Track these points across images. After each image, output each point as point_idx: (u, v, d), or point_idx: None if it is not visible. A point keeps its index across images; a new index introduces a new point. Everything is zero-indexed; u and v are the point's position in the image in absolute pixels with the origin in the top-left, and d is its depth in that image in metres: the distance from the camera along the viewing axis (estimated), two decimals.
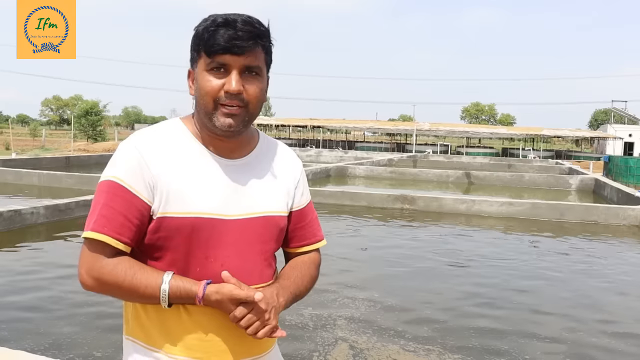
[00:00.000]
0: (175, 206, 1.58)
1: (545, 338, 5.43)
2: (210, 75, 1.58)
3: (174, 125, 1.71)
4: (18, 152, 34.99)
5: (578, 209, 13.06)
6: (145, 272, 1.57)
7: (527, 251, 9.61)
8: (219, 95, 1.57)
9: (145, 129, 1.69)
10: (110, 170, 1.60)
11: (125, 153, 1.61)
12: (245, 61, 1.57)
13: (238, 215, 1.65)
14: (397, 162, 32.99)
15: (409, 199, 13.69)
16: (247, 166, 1.72)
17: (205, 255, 1.61)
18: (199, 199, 1.60)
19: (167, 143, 1.64)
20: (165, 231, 1.59)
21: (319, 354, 4.80)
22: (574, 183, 21.62)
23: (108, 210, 1.56)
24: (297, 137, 75.48)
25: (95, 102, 60.79)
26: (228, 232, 1.63)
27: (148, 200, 1.58)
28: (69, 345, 4.76)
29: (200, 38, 1.58)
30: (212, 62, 1.57)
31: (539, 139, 64.70)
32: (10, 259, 7.81)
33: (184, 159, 1.63)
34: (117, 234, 1.55)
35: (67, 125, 68.27)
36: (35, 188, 15.40)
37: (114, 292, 1.58)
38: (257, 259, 1.70)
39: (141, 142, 1.62)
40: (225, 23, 1.55)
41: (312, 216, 1.92)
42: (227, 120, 1.58)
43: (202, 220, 1.59)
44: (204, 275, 1.60)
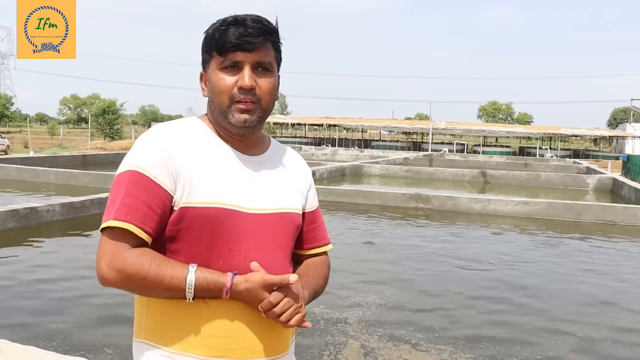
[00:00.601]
0: (198, 196, 1.58)
1: (558, 339, 5.40)
2: (223, 73, 1.62)
3: (193, 122, 1.73)
4: (36, 150, 35.33)
5: (595, 208, 12.95)
6: (170, 263, 1.54)
7: (541, 251, 9.54)
8: (233, 92, 1.61)
9: (165, 123, 1.71)
10: (132, 161, 1.59)
11: (147, 144, 1.61)
12: (256, 57, 1.61)
13: (259, 210, 1.66)
14: (413, 161, 32.92)
15: (424, 198, 13.64)
16: (263, 164, 1.74)
17: (229, 247, 1.60)
18: (221, 189, 1.61)
19: (188, 136, 1.66)
20: (188, 221, 1.58)
21: (329, 352, 4.80)
22: (591, 182, 21.43)
23: (131, 199, 1.54)
24: (313, 136, 75.57)
25: (112, 101, 61.32)
26: (249, 226, 1.63)
27: (171, 190, 1.57)
28: (79, 342, 4.80)
29: (211, 39, 1.63)
30: (224, 60, 1.61)
31: (557, 138, 64.24)
32: (25, 256, 7.88)
33: (205, 151, 1.65)
34: (141, 222, 1.53)
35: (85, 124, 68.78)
36: (52, 186, 15.53)
37: (138, 284, 1.54)
38: (278, 254, 1.70)
39: (164, 133, 1.64)
40: (234, 22, 1.61)
41: (321, 219, 1.96)
42: (242, 116, 1.62)
43: (225, 211, 1.59)
44: (226, 269, 1.57)
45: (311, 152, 38.97)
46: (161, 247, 1.60)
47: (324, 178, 19.91)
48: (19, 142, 49.25)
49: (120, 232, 1.52)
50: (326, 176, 20.36)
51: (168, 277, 1.51)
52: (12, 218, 8.87)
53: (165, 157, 1.58)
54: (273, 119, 74.10)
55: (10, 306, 5.72)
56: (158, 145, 1.60)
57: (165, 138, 1.62)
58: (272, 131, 73.15)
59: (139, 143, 1.63)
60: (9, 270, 7.05)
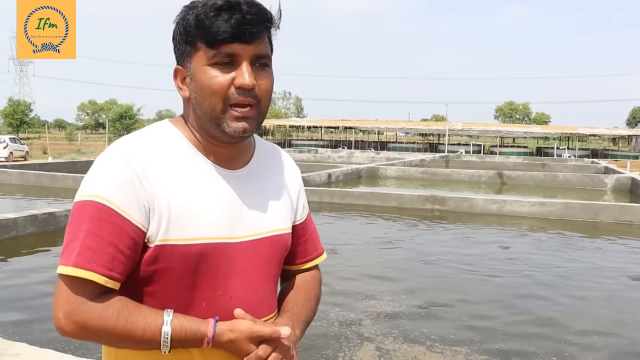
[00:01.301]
0: (178, 231, 1.32)
1: (574, 342, 5.37)
2: (214, 69, 1.32)
3: (166, 131, 1.43)
4: (55, 156, 35.65)
5: (612, 208, 12.84)
6: (142, 313, 1.28)
7: (558, 252, 9.48)
8: (229, 92, 1.32)
9: (132, 136, 1.41)
10: (94, 188, 1.29)
11: (111, 166, 1.31)
12: (255, 50, 1.33)
13: (245, 237, 1.42)
14: (429, 162, 32.81)
15: (439, 200, 13.61)
16: (248, 177, 1.48)
17: (213, 287, 1.36)
18: (205, 221, 1.35)
19: (161, 153, 1.36)
20: (166, 262, 1.32)
21: (344, 354, 4.81)
22: (610, 182, 21.24)
23: (94, 239, 1.26)
24: (330, 138, 75.63)
25: (129, 106, 61.87)
26: (236, 258, 1.40)
27: (142, 225, 1.30)
28: (97, 345, 4.83)
29: (196, 26, 1.31)
30: (217, 53, 1.30)
31: (574, 138, 63.72)
32: (43, 261, 7.97)
33: (183, 172, 1.37)
34: (108, 269, 1.26)
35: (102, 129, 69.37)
36: (71, 191, 15.62)
37: (102, 339, 1.31)
38: (266, 287, 1.48)
39: (131, 152, 1.33)
40: (227, 6, 1.29)
41: (312, 227, 1.70)
42: (240, 125, 1.34)
43: (210, 246, 1.35)
44: (210, 312, 1.35)
45: (327, 155, 39.02)
46: (134, 289, 1.35)
47: (340, 180, 19.92)
48: (38, 148, 49.71)
49: (81, 281, 1.25)
50: (342, 178, 20.36)
51: (140, 331, 1.26)
52: (31, 223, 8.98)
53: (135, 184, 1.29)
54: (289, 122, 74.31)
55: (26, 310, 5.79)
56: (125, 169, 1.30)
57: (134, 159, 1.32)
58: (289, 134, 73.23)
59: (101, 163, 1.33)
60: (28, 274, 7.14)
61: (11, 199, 15.14)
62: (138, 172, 1.30)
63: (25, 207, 12.52)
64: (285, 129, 71.85)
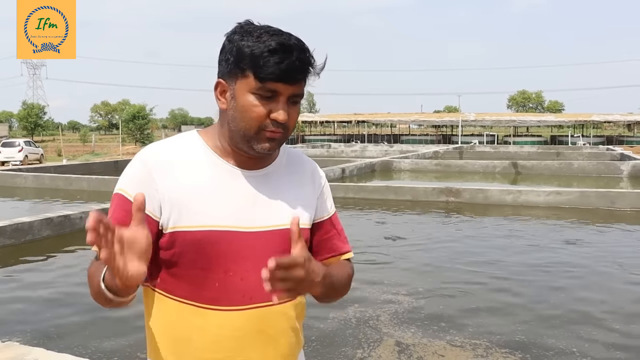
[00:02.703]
0: (186, 220, 1.51)
1: (593, 332, 5.31)
2: (256, 99, 1.49)
3: (189, 138, 1.66)
4: (69, 158, 35.87)
5: (630, 196, 12.70)
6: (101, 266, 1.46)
7: (572, 241, 9.40)
8: (265, 122, 1.50)
9: (159, 142, 1.66)
10: (120, 182, 1.57)
11: (132, 165, 1.58)
12: (295, 90, 1.51)
13: (257, 228, 1.58)
14: (443, 154, 32.71)
15: (454, 192, 13.54)
16: (266, 177, 1.64)
17: (225, 269, 1.54)
18: (212, 211, 1.53)
19: (177, 154, 1.59)
20: (179, 246, 1.53)
21: (363, 350, 4.79)
22: (626, 169, 21.08)
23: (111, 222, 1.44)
24: (342, 133, 75.56)
25: (142, 106, 61.97)
26: (247, 246, 1.56)
27: (152, 214, 1.51)
28: (113, 348, 4.85)
29: (250, 57, 1.47)
30: (262, 87, 1.47)
31: (589, 125, 63.28)
32: (59, 264, 8.00)
33: (197, 170, 1.57)
34: None
35: (116, 130, 69.74)
36: (85, 193, 15.74)
37: (91, 289, 1.49)
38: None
39: (149, 154, 1.58)
40: (282, 49, 1.46)
41: (339, 228, 1.81)
42: (266, 145, 1.53)
43: (217, 233, 1.53)
44: (223, 291, 1.54)
45: (340, 150, 38.96)
46: (162, 271, 1.57)
47: (353, 175, 19.89)
48: (53, 150, 50.04)
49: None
50: (356, 173, 20.34)
51: (96, 280, 1.43)
52: (47, 226, 9.02)
53: (148, 180, 1.53)
54: (301, 117, 74.03)
55: (44, 314, 5.81)
56: (142, 167, 1.55)
57: (151, 159, 1.56)
58: (301, 129, 73.27)
59: (129, 164, 1.60)
60: (44, 278, 7.17)
61: (27, 203, 15.22)
62: (152, 169, 1.53)
63: (41, 210, 12.57)
64: (297, 124, 71.52)
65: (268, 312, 1.56)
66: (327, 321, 5.40)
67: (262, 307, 1.55)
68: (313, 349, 4.77)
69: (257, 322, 1.56)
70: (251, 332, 1.55)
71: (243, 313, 1.54)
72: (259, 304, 1.55)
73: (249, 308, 1.54)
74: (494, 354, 4.71)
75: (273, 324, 1.58)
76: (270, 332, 1.58)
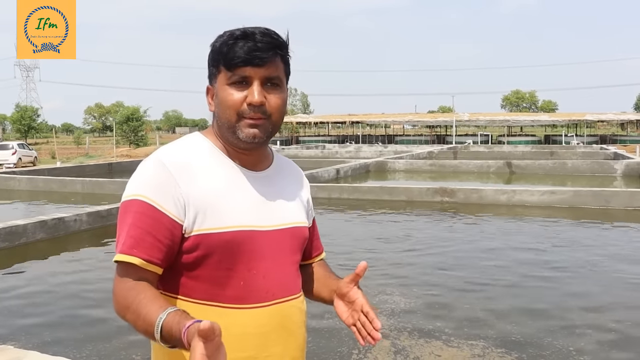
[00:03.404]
0: (212, 222, 1.54)
1: (589, 330, 5.32)
2: (231, 88, 1.56)
3: (198, 140, 1.68)
4: (63, 161, 35.74)
5: (623, 195, 12.74)
6: (154, 302, 1.42)
7: (567, 240, 9.42)
8: (242, 108, 1.55)
9: (170, 145, 1.67)
10: (136, 188, 1.55)
11: (152, 170, 1.57)
12: (265, 72, 1.56)
13: (272, 226, 1.64)
14: (437, 154, 32.73)
15: (449, 192, 13.55)
16: (269, 179, 1.71)
17: (249, 267, 1.58)
18: (236, 212, 1.57)
19: (194, 158, 1.61)
20: (205, 249, 1.54)
21: (358, 351, 4.78)
22: (619, 168, 21.14)
23: (136, 230, 1.50)
24: (337, 134, 75.53)
25: (136, 108, 61.81)
26: (266, 244, 1.61)
27: (178, 218, 1.52)
28: (107, 351, 4.83)
29: (218, 52, 1.57)
30: (233, 75, 1.55)
31: (582, 124, 63.40)
32: (52, 268, 7.97)
33: (214, 172, 1.60)
34: (147, 255, 1.49)
35: (110, 132, 69.51)
36: (80, 195, 15.70)
37: (125, 315, 1.47)
38: (292, 270, 1.70)
39: (168, 158, 1.58)
40: (243, 35, 1.55)
41: (317, 229, 1.96)
42: (251, 131, 1.57)
43: (242, 233, 1.57)
44: (247, 289, 1.57)
45: (335, 150, 38.93)
46: (179, 275, 1.58)
47: (348, 176, 19.88)
48: (46, 153, 49.87)
49: (126, 265, 1.49)
50: (350, 174, 20.32)
51: (143, 314, 1.40)
52: (41, 229, 8.98)
53: (171, 184, 1.53)
54: (296, 118, 74.21)
55: (38, 318, 5.78)
56: (163, 171, 1.55)
57: (171, 163, 1.56)
58: (296, 130, 73.26)
59: (143, 168, 1.59)
60: (39, 281, 7.14)
61: (21, 205, 15.17)
62: (174, 173, 1.54)
63: (35, 213, 12.53)
64: (292, 125, 71.74)
65: (287, 307, 1.63)
66: (322, 322, 5.38)
67: (283, 302, 1.62)
68: (309, 350, 4.71)
69: (279, 317, 1.61)
70: (275, 328, 1.60)
71: (266, 309, 1.59)
72: (280, 300, 1.62)
73: (271, 304, 1.60)
74: (490, 354, 4.70)
75: (292, 318, 1.65)
76: (290, 326, 1.64)
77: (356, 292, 1.68)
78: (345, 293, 1.68)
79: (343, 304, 1.70)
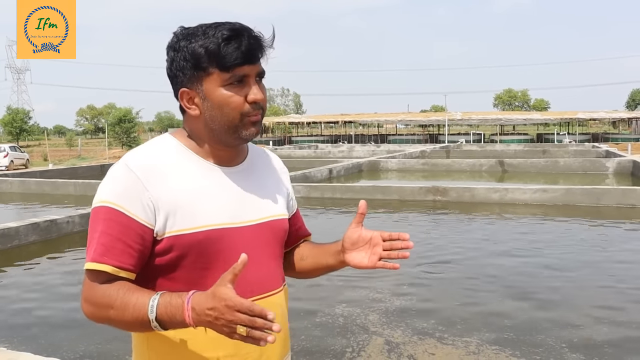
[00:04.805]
0: (184, 222, 1.52)
1: (581, 327, 5.34)
2: (230, 90, 1.53)
3: (167, 141, 1.65)
4: (55, 163, 35.67)
5: (614, 192, 12.78)
6: (139, 291, 1.47)
7: (559, 238, 9.46)
8: (245, 108, 1.54)
9: (138, 148, 1.65)
10: (104, 194, 1.53)
11: (119, 175, 1.54)
12: (259, 69, 1.57)
13: (248, 222, 1.62)
14: (430, 153, 32.77)
15: (441, 191, 13.57)
16: (244, 172, 1.69)
17: (225, 266, 1.48)
18: (208, 211, 1.55)
19: (162, 159, 1.58)
20: (179, 250, 1.52)
21: (352, 349, 4.78)
22: (611, 166, 21.20)
23: (106, 237, 1.49)
24: (329, 133, 75.71)
25: (128, 110, 61.75)
26: (241, 240, 1.59)
27: (148, 223, 1.51)
28: (100, 352, 4.82)
29: (209, 55, 1.51)
30: (232, 76, 1.52)
31: (574, 123, 63.66)
32: (45, 270, 7.95)
33: (184, 172, 1.58)
34: (119, 262, 1.48)
35: (102, 134, 69.35)
36: (72, 197, 15.64)
37: (108, 314, 1.48)
38: (272, 264, 1.68)
39: (135, 162, 1.55)
40: (235, 34, 1.51)
41: (301, 216, 1.95)
42: (254, 129, 1.58)
43: (216, 231, 1.55)
44: None
45: (328, 150, 38.95)
46: (155, 277, 1.57)
47: (341, 175, 19.89)
48: (38, 155, 49.75)
49: (96, 272, 1.49)
50: (343, 173, 20.33)
51: (132, 304, 1.44)
52: (33, 231, 8.95)
53: (139, 188, 1.51)
54: (288, 118, 74.31)
55: (32, 319, 5.77)
56: (129, 176, 1.52)
57: (138, 167, 1.54)
58: (288, 131, 73.24)
59: (111, 173, 1.57)
60: (33, 283, 7.12)
61: (13, 208, 15.12)
62: (141, 177, 1.52)
63: (27, 215, 12.49)
64: (284, 125, 71.78)
65: (266, 303, 1.58)
66: (315, 320, 5.40)
67: (261, 298, 1.60)
68: (302, 348, 4.76)
69: None
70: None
71: None
72: (258, 296, 1.60)
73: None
74: (484, 351, 4.72)
75: None
76: None
77: (366, 230, 1.70)
78: (356, 239, 1.69)
79: (357, 252, 1.70)
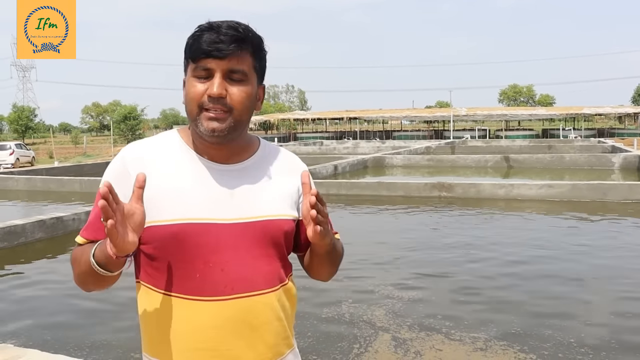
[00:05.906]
0: (161, 214, 1.56)
1: (589, 322, 5.33)
2: (194, 80, 1.57)
3: (169, 135, 1.73)
4: (61, 160, 35.72)
5: (621, 188, 12.75)
6: (91, 246, 1.56)
7: (563, 234, 9.43)
8: (202, 100, 1.55)
9: (138, 141, 1.74)
10: (102, 179, 1.59)
11: (113, 162, 1.67)
12: (228, 65, 1.55)
13: (235, 220, 1.61)
14: (435, 149, 32.72)
15: (446, 187, 13.55)
16: (244, 171, 1.69)
17: (204, 261, 1.57)
18: (187, 205, 1.58)
19: (153, 151, 1.66)
20: (157, 240, 1.57)
21: (359, 345, 4.78)
22: (617, 161, 21.14)
23: (91, 215, 1.65)
24: (334, 130, 75.60)
25: (133, 107, 61.98)
26: (225, 237, 1.59)
27: None
28: (107, 348, 4.83)
29: (187, 45, 1.59)
30: (196, 67, 1.56)
31: (580, 118, 63.50)
32: (51, 267, 7.97)
33: (170, 166, 1.63)
34: (92, 236, 1.61)
35: (107, 131, 69.54)
36: (78, 195, 15.66)
37: (76, 271, 1.62)
38: (260, 264, 1.63)
39: (127, 152, 1.66)
40: (208, 28, 1.56)
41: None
42: (210, 124, 1.55)
43: (193, 225, 1.57)
44: (204, 281, 1.57)
45: (333, 147, 38.92)
46: (146, 265, 1.64)
47: (346, 171, 19.89)
48: (44, 152, 49.87)
49: (77, 244, 1.66)
50: (348, 169, 20.33)
51: (86, 256, 1.54)
52: (40, 229, 8.97)
53: (125, 175, 1.60)
54: (293, 115, 74.33)
55: (38, 316, 5.78)
56: (120, 164, 1.64)
57: (128, 156, 1.64)
58: (293, 127, 73.30)
59: (112, 160, 1.69)
60: (38, 280, 7.13)
61: (19, 205, 15.16)
62: (127, 166, 1.61)
63: (33, 212, 12.52)
64: (289, 122, 71.83)
65: (251, 302, 1.59)
66: (322, 316, 5.40)
67: (245, 297, 1.59)
68: (309, 345, 4.76)
69: (239, 312, 1.58)
70: (234, 322, 1.58)
71: (225, 303, 1.57)
72: (241, 294, 1.59)
73: (231, 298, 1.58)
74: (492, 347, 4.71)
75: (257, 313, 1.60)
76: (254, 322, 1.60)
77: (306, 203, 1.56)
78: (305, 214, 1.56)
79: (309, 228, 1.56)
